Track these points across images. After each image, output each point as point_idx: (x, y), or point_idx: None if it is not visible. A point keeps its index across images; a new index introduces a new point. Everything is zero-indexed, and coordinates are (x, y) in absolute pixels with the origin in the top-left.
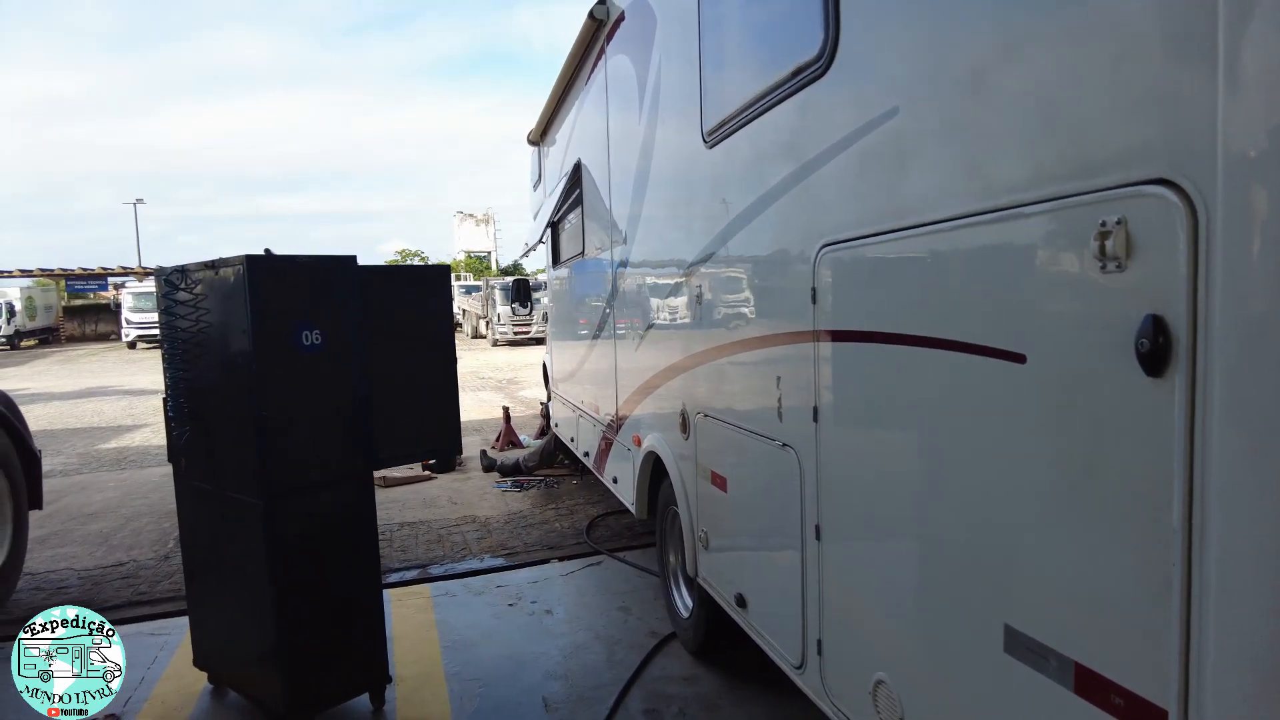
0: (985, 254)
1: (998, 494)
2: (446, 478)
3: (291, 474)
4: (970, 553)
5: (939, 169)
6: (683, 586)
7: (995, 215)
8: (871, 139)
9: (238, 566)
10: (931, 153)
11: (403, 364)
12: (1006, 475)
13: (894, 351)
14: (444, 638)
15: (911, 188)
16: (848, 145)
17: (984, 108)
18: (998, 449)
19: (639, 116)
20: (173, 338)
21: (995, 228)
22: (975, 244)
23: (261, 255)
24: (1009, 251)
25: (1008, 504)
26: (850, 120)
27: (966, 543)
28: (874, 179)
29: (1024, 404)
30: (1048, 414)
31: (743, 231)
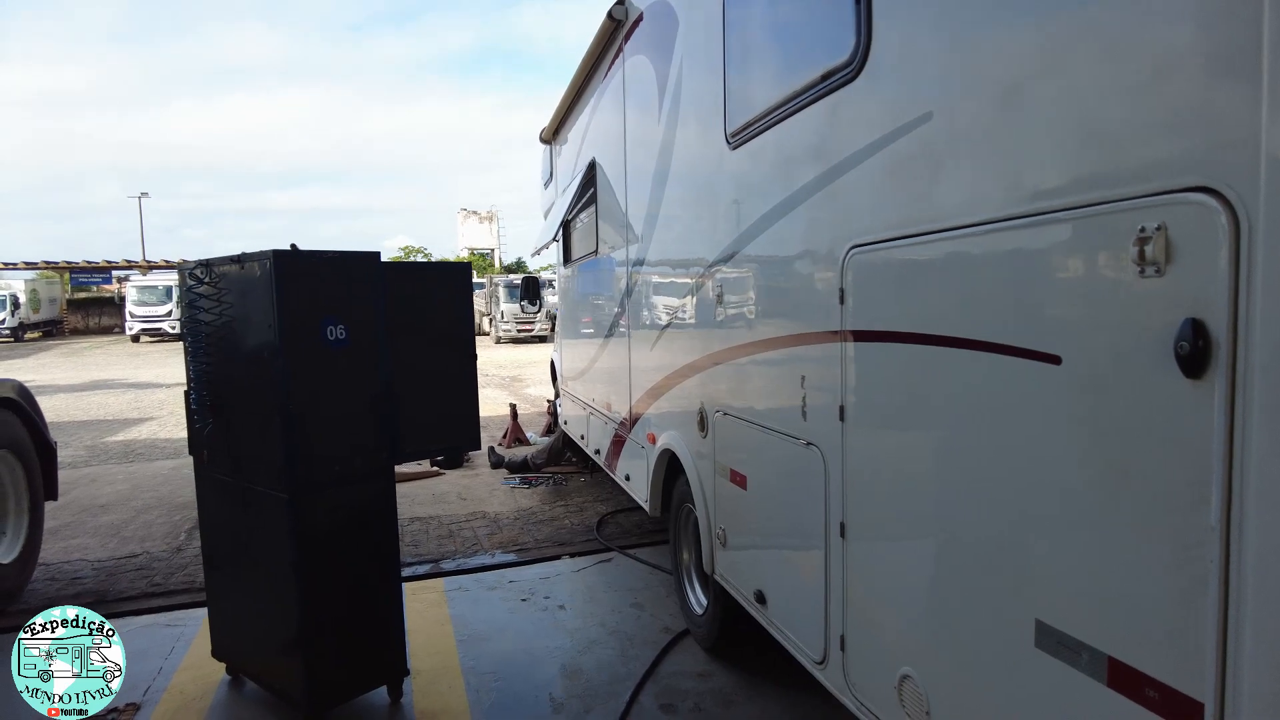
0: (1020, 257)
1: (1029, 491)
2: (455, 474)
3: (316, 468)
4: (1001, 550)
5: (974, 174)
6: (696, 584)
7: (1031, 220)
8: (904, 143)
9: (259, 559)
10: (966, 158)
11: (424, 359)
12: (1039, 473)
13: (925, 351)
14: (458, 632)
15: (945, 192)
16: (879, 149)
17: (1021, 115)
18: (1030, 446)
19: (658, 116)
20: (196, 331)
21: (1030, 232)
22: (1010, 247)
23: (288, 250)
24: (1044, 255)
25: (1040, 501)
26: (882, 125)
27: (997, 540)
28: (906, 183)
29: (1058, 403)
30: (1082, 413)
31: (767, 232)
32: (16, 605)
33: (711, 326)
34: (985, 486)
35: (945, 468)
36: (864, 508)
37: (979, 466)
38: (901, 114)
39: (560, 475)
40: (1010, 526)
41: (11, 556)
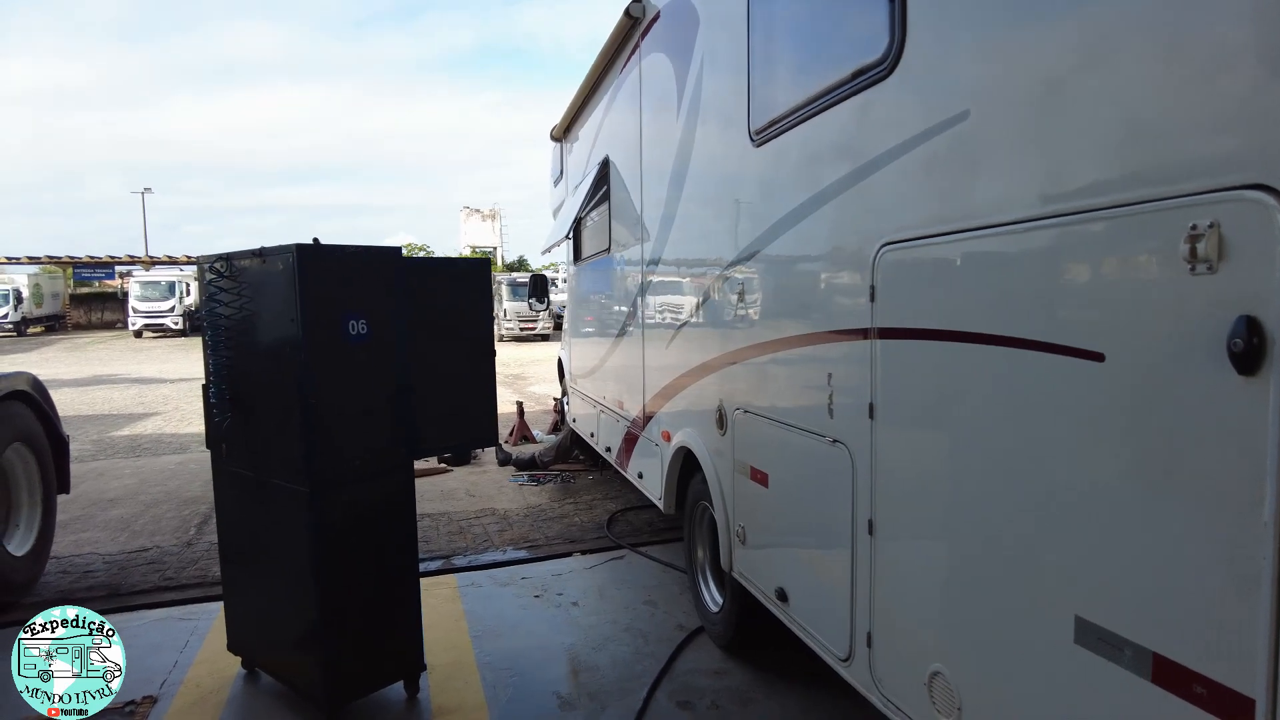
0: (1061, 254)
1: (1069, 488)
2: (462, 471)
3: (336, 463)
4: (1039, 547)
5: (1014, 172)
6: (711, 581)
7: (1074, 217)
8: (939, 141)
9: (278, 553)
10: (1006, 156)
11: (443, 355)
12: (1079, 469)
13: (959, 349)
14: (472, 627)
15: (983, 189)
16: (913, 147)
17: (1064, 112)
18: (1070, 442)
19: (676, 114)
20: (215, 324)
21: (1073, 229)
22: (1051, 245)
23: (311, 244)
24: (1087, 252)
25: (1080, 497)
26: (916, 123)
27: (1035, 537)
28: (941, 181)
29: (1101, 399)
30: (1126, 409)
31: (791, 230)
32: (30, 598)
33: (731, 324)
34: (1023, 483)
35: (981, 464)
36: (894, 505)
37: (1016, 463)
38: (937, 112)
39: (568, 473)
40: (1049, 523)
41: (25, 549)
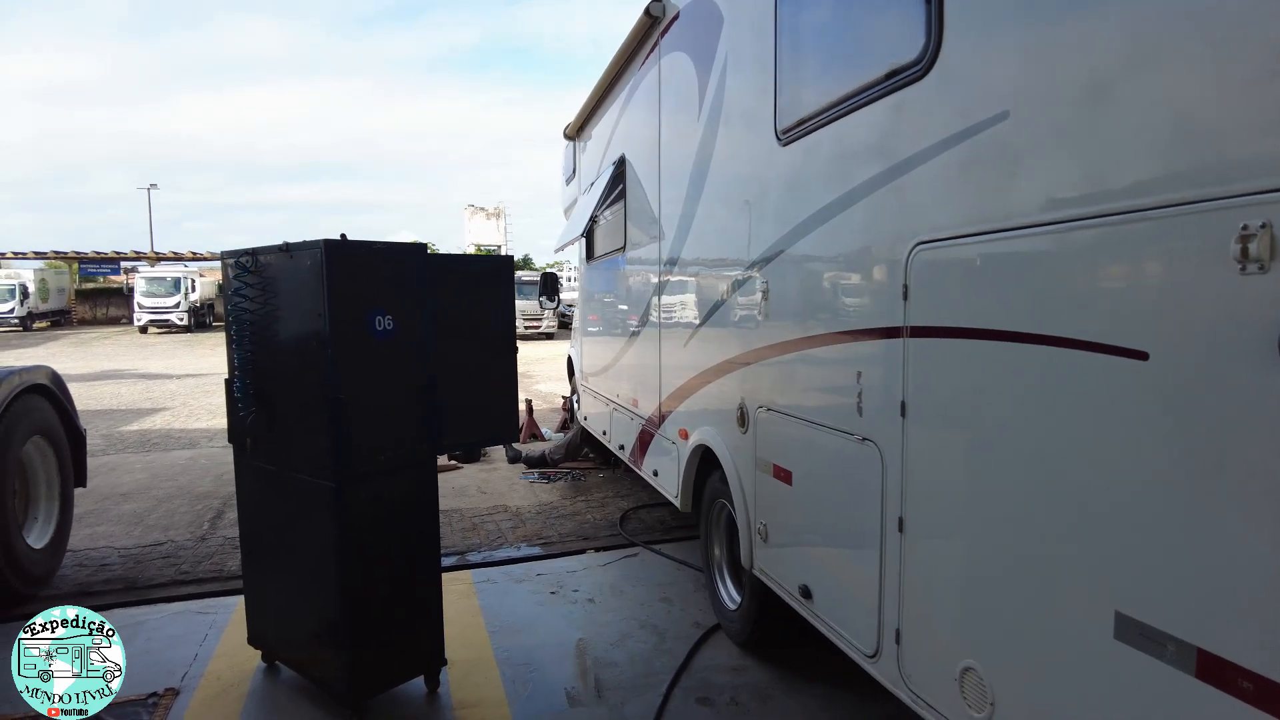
0: (1105, 254)
1: (1110, 485)
2: (473, 468)
3: (361, 457)
4: (1078, 544)
5: (1054, 172)
6: (729, 579)
7: (1119, 218)
8: (976, 142)
9: (301, 547)
10: (1045, 157)
11: (466, 352)
12: (1121, 467)
13: (995, 347)
14: (489, 623)
15: (1022, 190)
16: (948, 147)
17: (1109, 113)
18: (1111, 440)
19: (698, 113)
20: (240, 319)
21: (1118, 230)
22: (1094, 244)
23: (338, 240)
24: (1132, 252)
25: (1121, 495)
26: (952, 123)
27: (1074, 534)
28: (978, 181)
29: (1145, 397)
30: (1171, 407)
31: (820, 229)
32: (48, 590)
33: (754, 323)
34: (1062, 481)
35: (1017, 462)
36: (926, 503)
37: (1054, 460)
38: (975, 113)
39: (578, 471)
40: (1089, 521)
41: (44, 541)
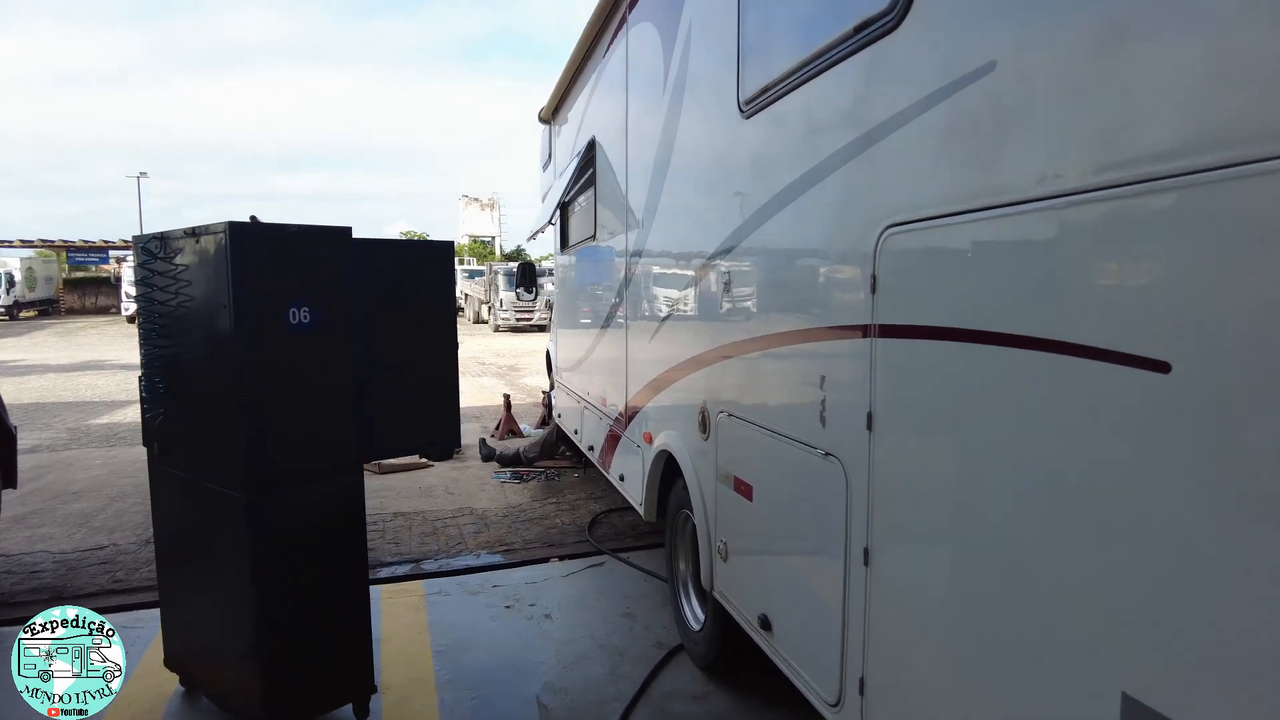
0: (1115, 238)
1: (1123, 531)
2: (444, 466)
3: (277, 465)
4: (1078, 601)
5: (1054, 134)
6: (693, 596)
7: (1134, 189)
8: (958, 101)
9: (215, 561)
10: (1043, 115)
11: (401, 347)
12: (1137, 509)
13: (979, 352)
14: (436, 641)
15: (1014, 157)
16: (925, 109)
17: (1123, 60)
18: (1124, 476)
19: (663, 87)
20: (150, 310)
21: (1132, 205)
22: (1101, 225)
23: (246, 223)
24: (1149, 234)
25: (1137, 543)
26: (929, 80)
27: (1073, 588)
28: (960, 148)
29: (1164, 421)
30: (1198, 433)
31: (783, 211)
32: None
33: (717, 317)
34: (1057, 524)
35: (1004, 495)
36: (895, 534)
37: (1052, 496)
38: (955, 66)
39: (553, 470)
40: (1092, 572)
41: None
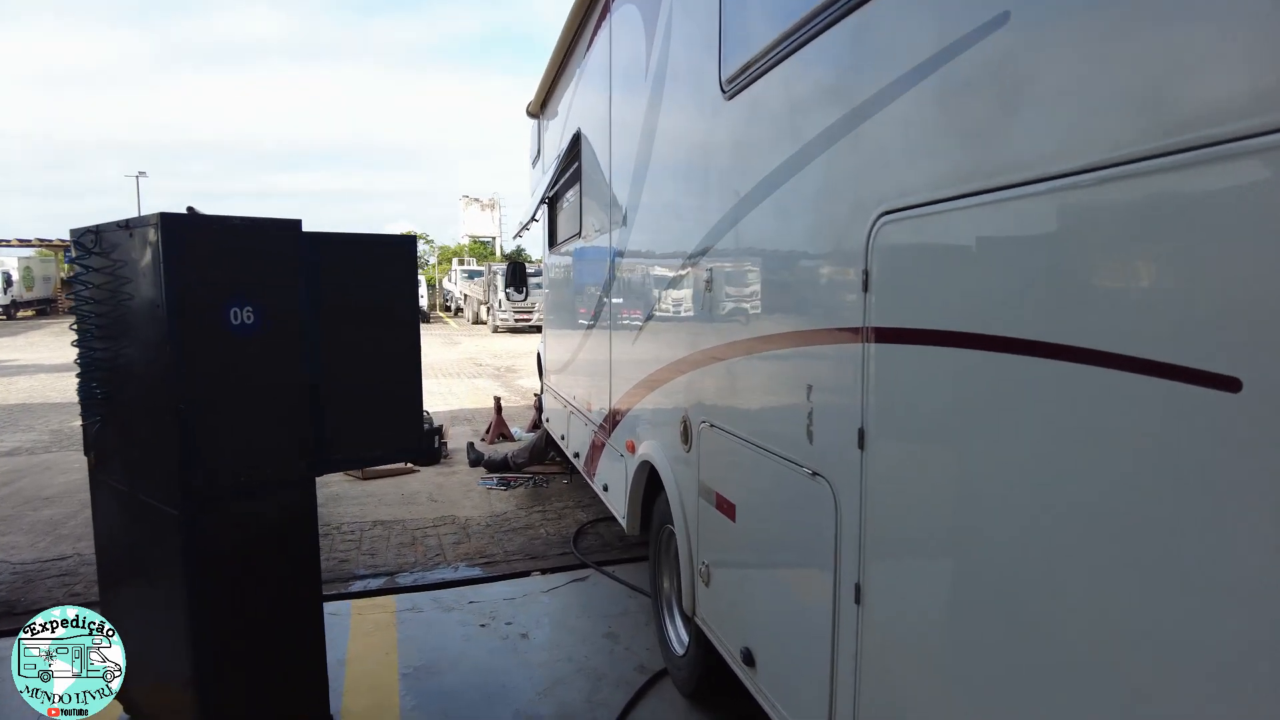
0: (1163, 218)
1: (1172, 573)
2: (430, 471)
3: (216, 478)
4: (1121, 659)
5: (1082, 95)
6: (677, 618)
7: (1187, 157)
8: (962, 63)
9: (153, 580)
10: (1071, 69)
11: (357, 350)
12: (1193, 548)
13: (995, 363)
14: (404, 662)
15: (1030, 128)
16: (924, 75)
17: None
18: (1175, 507)
19: (645, 72)
20: (85, 310)
21: (1184, 176)
22: (1144, 205)
23: (181, 214)
24: (1209, 213)
25: (1190, 589)
26: (928, 40)
27: (1113, 643)
28: (966, 117)
29: (1232, 447)
30: (1276, 463)
31: (766, 201)
32: None
33: (698, 319)
34: (1089, 563)
35: (1020, 533)
36: (889, 570)
37: (1079, 533)
38: (960, 20)
39: (541, 476)
40: (1136, 625)
41: None
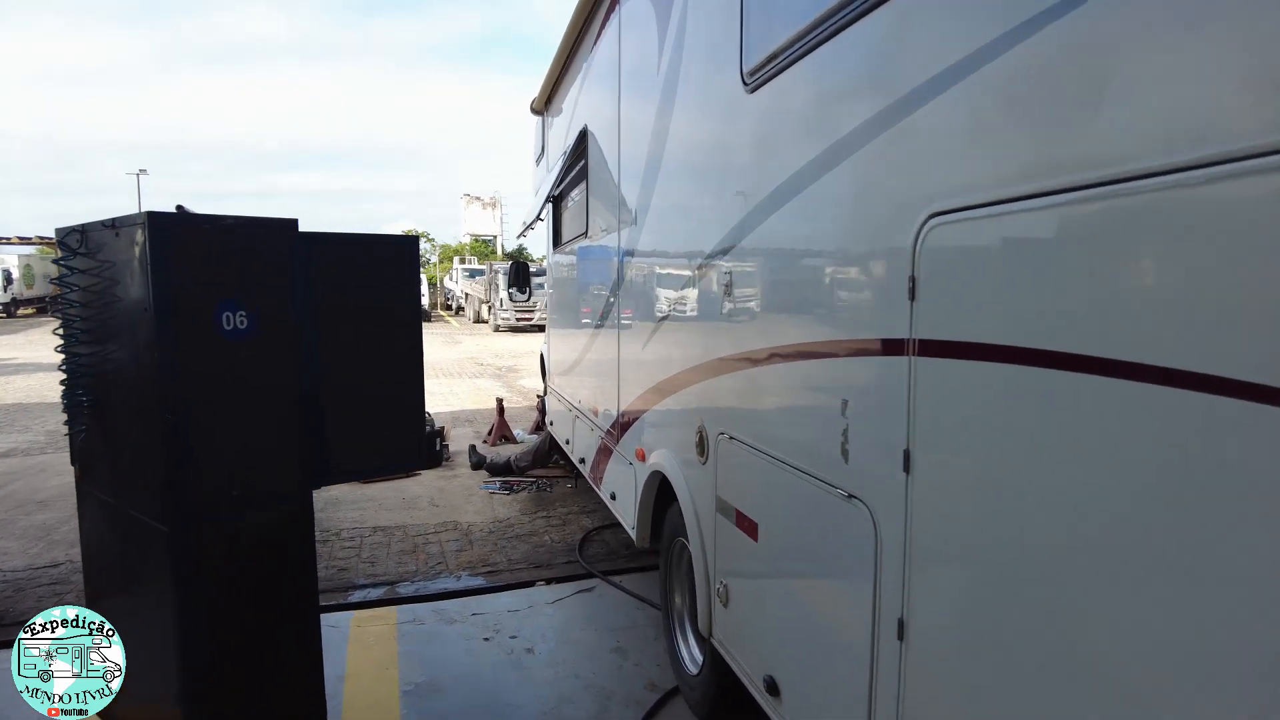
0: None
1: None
2: (432, 474)
3: (206, 491)
4: (1195, 701)
5: (1185, 80)
6: (690, 635)
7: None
8: (1035, 45)
9: (140, 596)
10: (1165, 54)
11: (356, 356)
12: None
13: (1064, 383)
14: (405, 678)
15: (1117, 116)
16: (985, 60)
17: None
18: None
19: (658, 65)
20: (70, 313)
21: None
22: (1259, 205)
23: (170, 213)
24: None
25: None
26: (991, 21)
27: (1192, 687)
28: (1037, 108)
29: None
30: None
31: (794, 201)
32: None
33: (715, 324)
34: (1185, 603)
35: (1092, 564)
36: (939, 605)
37: (1177, 570)
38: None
39: (545, 480)
40: (1215, 669)
41: None
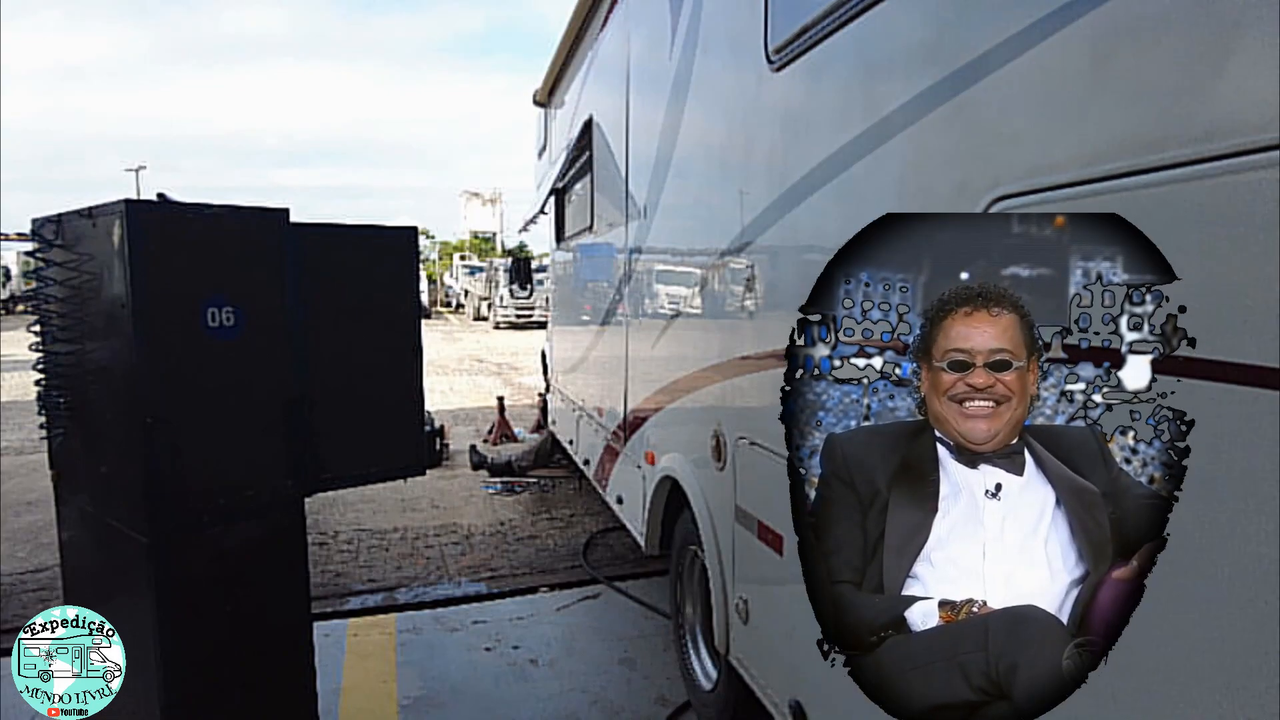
0: None
1: None
2: (432, 474)
3: (190, 502)
4: None
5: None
6: (702, 648)
7: None
8: (1120, 5)
9: (119, 610)
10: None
11: (351, 355)
12: None
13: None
14: (404, 692)
15: (1227, 80)
16: (1066, 21)
17: None
18: None
19: (670, 47)
20: (46, 309)
21: None
22: None
23: (150, 201)
24: None
25: None
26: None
27: None
28: (1126, 76)
29: None
30: None
31: (828, 186)
32: None
33: (735, 321)
34: None
35: (1183, 581)
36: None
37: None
38: None
39: (547, 480)
40: None
41: None
